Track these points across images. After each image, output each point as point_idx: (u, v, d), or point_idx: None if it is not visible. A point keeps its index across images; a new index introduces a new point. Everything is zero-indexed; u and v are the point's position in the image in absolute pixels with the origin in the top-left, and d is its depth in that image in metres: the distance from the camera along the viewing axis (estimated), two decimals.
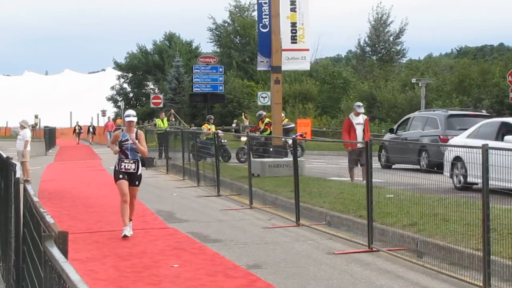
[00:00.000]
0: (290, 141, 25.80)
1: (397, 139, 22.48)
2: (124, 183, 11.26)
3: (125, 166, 11.26)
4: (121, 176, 11.29)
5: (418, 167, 18.40)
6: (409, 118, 24.10)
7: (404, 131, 23.34)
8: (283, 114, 30.06)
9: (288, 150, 22.23)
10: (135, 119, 11.46)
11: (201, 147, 21.61)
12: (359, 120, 17.49)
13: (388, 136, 24.53)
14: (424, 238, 9.46)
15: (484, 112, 27.23)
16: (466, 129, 18.43)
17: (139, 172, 11.44)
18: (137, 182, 11.49)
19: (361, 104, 18.06)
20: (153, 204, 15.29)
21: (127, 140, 11.34)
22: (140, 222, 12.74)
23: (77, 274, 3.08)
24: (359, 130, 17.30)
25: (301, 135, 30.49)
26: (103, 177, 22.69)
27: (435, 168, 17.26)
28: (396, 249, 9.76)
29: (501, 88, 42.79)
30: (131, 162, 11.31)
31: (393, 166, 20.33)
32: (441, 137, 20.78)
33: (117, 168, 11.38)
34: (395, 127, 24.91)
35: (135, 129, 11.51)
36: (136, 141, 11.31)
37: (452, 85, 47.25)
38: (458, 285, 8.00)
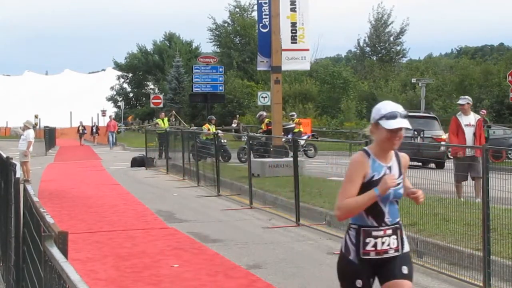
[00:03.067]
0: (302, 142, 26.06)
1: None
2: None
3: (376, 245, 4.55)
4: (360, 281, 4.50)
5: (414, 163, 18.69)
6: None
7: None
8: (295, 115, 30.32)
9: (301, 150, 22.30)
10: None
11: (201, 147, 21.61)
12: (469, 121, 13.84)
13: None
14: (424, 238, 9.45)
15: (484, 112, 27.71)
16: (411, 130, 22.70)
17: (405, 249, 4.62)
18: (405, 270, 4.55)
19: (466, 97, 14.26)
20: (153, 204, 15.28)
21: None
22: (140, 222, 12.75)
23: (77, 274, 3.08)
24: (468, 133, 13.73)
25: (313, 135, 30.55)
26: (103, 177, 22.71)
27: None
28: None
29: (502, 88, 42.88)
30: (390, 231, 4.57)
31: None
32: None
33: (352, 254, 4.59)
34: None
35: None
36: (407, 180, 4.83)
37: (453, 85, 47.34)
38: (458, 285, 8.00)
